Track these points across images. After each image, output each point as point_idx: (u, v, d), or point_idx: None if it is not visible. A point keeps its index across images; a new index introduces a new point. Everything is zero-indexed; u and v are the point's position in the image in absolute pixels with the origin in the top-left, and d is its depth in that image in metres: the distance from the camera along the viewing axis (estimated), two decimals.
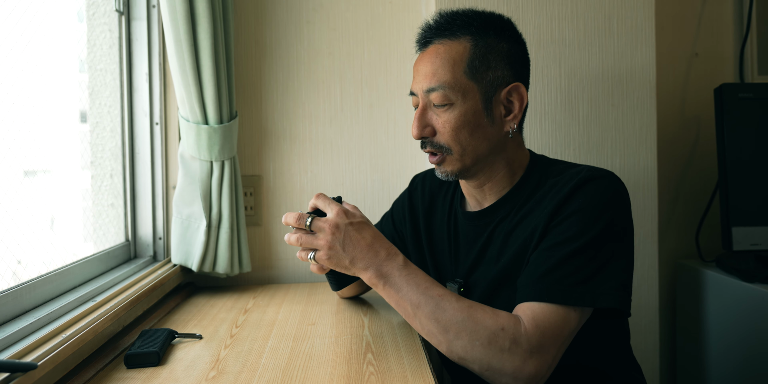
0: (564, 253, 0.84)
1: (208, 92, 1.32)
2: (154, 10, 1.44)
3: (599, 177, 0.89)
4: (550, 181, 0.93)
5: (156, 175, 1.46)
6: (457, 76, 0.92)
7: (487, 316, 0.82)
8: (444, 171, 0.97)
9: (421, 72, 0.95)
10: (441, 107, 0.93)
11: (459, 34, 0.94)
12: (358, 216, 0.90)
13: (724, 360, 1.46)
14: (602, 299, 0.82)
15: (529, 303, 0.84)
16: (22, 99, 1.11)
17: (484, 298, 0.97)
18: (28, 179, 1.16)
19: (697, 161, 1.70)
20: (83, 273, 1.18)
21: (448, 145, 0.94)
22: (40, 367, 0.78)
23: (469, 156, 0.94)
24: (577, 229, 0.85)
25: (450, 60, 0.92)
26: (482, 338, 0.81)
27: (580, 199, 0.87)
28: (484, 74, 0.93)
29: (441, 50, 0.94)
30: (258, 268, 1.58)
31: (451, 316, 0.83)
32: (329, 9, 1.58)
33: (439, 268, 1.09)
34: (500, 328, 0.81)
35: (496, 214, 0.98)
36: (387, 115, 1.60)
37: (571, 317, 0.82)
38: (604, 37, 1.41)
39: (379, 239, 0.90)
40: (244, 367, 0.91)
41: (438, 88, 0.92)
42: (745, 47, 1.68)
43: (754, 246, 1.43)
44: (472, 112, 0.93)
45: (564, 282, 0.83)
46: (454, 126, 0.93)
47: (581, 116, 1.42)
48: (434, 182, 1.15)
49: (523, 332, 0.81)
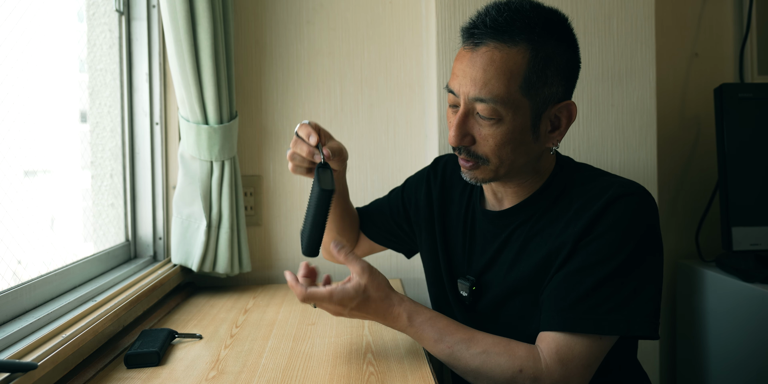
0: (595, 278, 0.82)
1: (208, 92, 1.32)
2: (154, 10, 1.44)
3: (630, 194, 0.85)
4: (577, 190, 0.90)
5: (156, 175, 1.46)
6: (512, 91, 0.84)
7: (502, 360, 0.82)
8: (474, 177, 0.92)
9: (470, 75, 0.85)
10: (487, 120, 0.86)
11: (518, 39, 0.83)
12: (356, 300, 0.89)
13: (724, 360, 1.46)
14: (636, 328, 0.81)
15: (555, 333, 0.82)
16: (22, 99, 1.11)
17: (497, 302, 0.95)
18: (28, 179, 1.16)
19: (697, 161, 1.70)
20: (83, 273, 1.18)
21: (487, 157, 0.88)
22: (40, 367, 0.79)
23: (504, 168, 0.90)
24: (608, 251, 0.83)
25: (507, 72, 0.83)
26: (500, 382, 0.82)
27: (611, 219, 0.84)
28: (539, 91, 0.85)
29: (497, 57, 0.83)
30: (258, 268, 1.58)
31: (465, 365, 0.84)
32: (329, 9, 1.58)
33: (451, 262, 1.06)
34: (518, 370, 0.81)
35: (517, 216, 0.95)
36: (387, 115, 1.60)
37: (598, 346, 0.82)
38: (604, 37, 1.41)
39: (378, 307, 0.90)
40: (244, 367, 0.91)
41: (488, 100, 0.84)
42: (745, 47, 1.68)
43: (754, 246, 1.43)
44: (520, 129, 0.86)
45: (597, 311, 0.81)
46: (498, 142, 0.86)
47: (581, 116, 1.42)
48: (455, 170, 1.11)
49: (544, 369, 0.80)
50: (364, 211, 1.24)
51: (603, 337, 0.82)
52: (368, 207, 1.25)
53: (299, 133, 0.95)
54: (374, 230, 1.22)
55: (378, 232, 1.22)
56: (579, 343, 0.81)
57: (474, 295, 0.99)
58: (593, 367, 0.82)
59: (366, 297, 0.89)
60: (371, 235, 1.23)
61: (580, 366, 0.81)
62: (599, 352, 0.82)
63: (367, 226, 1.23)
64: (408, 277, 1.59)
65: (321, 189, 0.88)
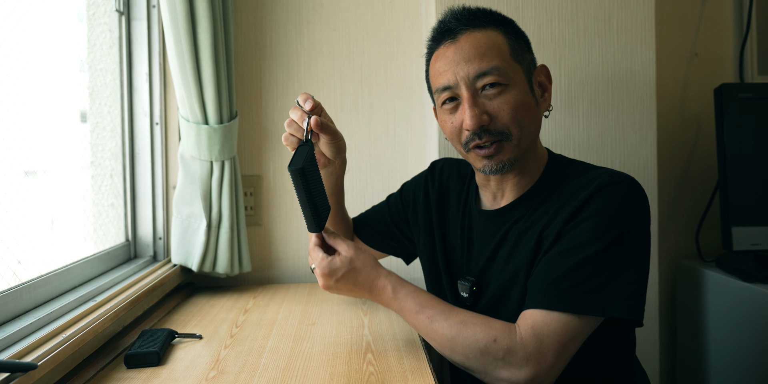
0: (576, 259, 0.84)
1: (208, 92, 1.32)
2: (154, 10, 1.44)
3: (618, 182, 0.87)
4: (569, 184, 0.92)
5: (156, 175, 1.46)
6: (506, 58, 0.91)
7: (478, 330, 0.84)
8: (500, 161, 0.92)
9: (462, 59, 0.91)
10: (493, 89, 0.90)
11: (486, 24, 0.93)
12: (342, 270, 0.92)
13: (725, 360, 1.46)
14: (613, 309, 0.82)
15: (533, 310, 0.84)
16: (22, 99, 1.11)
17: (495, 299, 0.96)
18: (28, 179, 1.16)
19: (697, 161, 1.70)
20: (83, 273, 1.18)
21: (508, 128, 0.90)
22: (40, 367, 0.78)
23: (525, 140, 0.92)
24: (590, 234, 0.84)
25: (494, 45, 0.91)
26: (474, 351, 0.84)
27: (597, 204, 0.86)
28: (524, 57, 0.94)
29: (479, 36, 0.92)
30: (258, 268, 1.58)
31: (441, 335, 0.87)
32: (329, 9, 1.58)
33: (450, 265, 1.07)
34: (492, 340, 0.83)
35: (512, 214, 0.97)
36: (387, 114, 1.60)
37: (575, 325, 0.82)
38: (604, 37, 1.41)
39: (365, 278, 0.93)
40: (244, 367, 0.91)
41: (491, 70, 0.89)
42: (745, 47, 1.68)
43: (754, 246, 1.43)
44: (524, 92, 0.92)
45: (575, 290, 0.82)
46: (513, 106, 0.90)
47: (581, 116, 1.42)
48: (452, 174, 1.13)
49: (518, 341, 0.82)
50: (360, 219, 1.25)
51: (582, 317, 0.82)
52: (365, 215, 1.25)
53: (298, 99, 0.96)
54: (375, 237, 1.23)
55: (379, 239, 1.23)
56: (556, 319, 0.82)
57: (475, 295, 0.99)
58: (569, 347, 0.82)
59: (353, 267, 0.92)
60: (371, 243, 1.24)
61: (555, 342, 0.81)
62: (576, 331, 0.82)
63: (365, 234, 1.23)
64: (406, 278, 1.59)
65: (288, 167, 0.87)
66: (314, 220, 0.92)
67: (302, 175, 0.86)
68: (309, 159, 0.89)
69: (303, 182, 0.87)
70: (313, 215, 0.91)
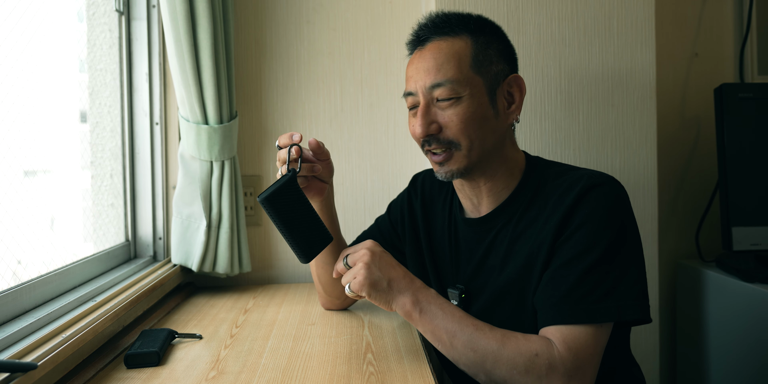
0: (579, 269, 0.84)
1: (208, 92, 1.32)
2: (154, 10, 1.44)
3: (600, 184, 0.88)
4: (550, 187, 0.93)
5: (156, 175, 1.46)
6: (464, 70, 0.91)
7: (520, 343, 0.83)
8: (449, 170, 0.94)
9: (423, 69, 0.93)
10: (446, 101, 0.91)
11: (458, 31, 0.94)
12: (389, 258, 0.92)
13: (724, 360, 1.46)
14: (627, 312, 0.83)
15: (556, 326, 0.83)
16: (22, 99, 1.11)
17: (487, 307, 0.96)
18: (28, 179, 1.16)
19: (697, 161, 1.70)
20: (83, 273, 1.18)
21: (457, 139, 0.92)
22: (40, 367, 0.78)
23: (476, 151, 0.93)
24: (587, 242, 0.85)
25: (455, 55, 0.92)
26: (519, 366, 0.81)
27: (585, 210, 0.86)
28: (488, 68, 0.93)
29: (443, 46, 0.93)
30: (258, 268, 1.58)
31: (486, 344, 0.83)
32: (329, 9, 1.58)
33: (439, 274, 1.08)
34: (534, 354, 0.81)
35: (497, 220, 0.98)
36: (387, 115, 1.60)
37: (599, 334, 0.83)
38: (604, 37, 1.41)
39: (406, 273, 0.91)
40: (244, 367, 0.91)
41: (445, 82, 0.91)
42: (745, 47, 1.68)
43: (754, 246, 1.43)
44: (479, 104, 0.92)
45: (586, 300, 0.83)
46: (463, 118, 0.91)
47: (581, 116, 1.42)
48: (434, 185, 1.14)
49: (557, 356, 0.81)
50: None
51: (601, 326, 0.83)
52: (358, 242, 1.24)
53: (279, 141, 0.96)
54: None
55: None
56: (582, 332, 0.82)
57: (464, 303, 1.00)
58: (600, 356, 0.83)
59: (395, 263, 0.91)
60: None
61: (589, 355, 0.82)
62: (602, 340, 0.84)
63: None
64: None
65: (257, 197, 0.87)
66: (299, 250, 0.90)
67: (269, 203, 0.86)
68: (285, 187, 0.88)
69: (272, 211, 0.87)
70: (295, 244, 0.89)
